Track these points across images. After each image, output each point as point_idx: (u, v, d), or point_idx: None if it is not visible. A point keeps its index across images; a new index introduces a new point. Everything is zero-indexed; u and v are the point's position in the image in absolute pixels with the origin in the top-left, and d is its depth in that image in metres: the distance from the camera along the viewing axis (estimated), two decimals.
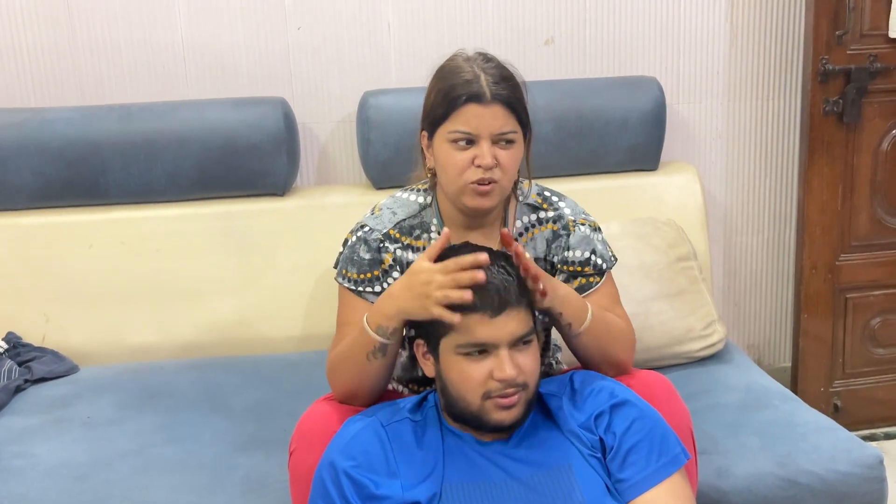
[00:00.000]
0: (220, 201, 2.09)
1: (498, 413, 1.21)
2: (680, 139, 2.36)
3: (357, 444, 1.23)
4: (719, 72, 2.34)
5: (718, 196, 2.43)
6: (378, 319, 1.29)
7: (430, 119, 1.36)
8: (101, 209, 2.06)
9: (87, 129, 2.00)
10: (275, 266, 2.07)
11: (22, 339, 2.01)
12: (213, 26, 2.13)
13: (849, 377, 2.40)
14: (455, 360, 1.22)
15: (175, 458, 1.61)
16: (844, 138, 2.24)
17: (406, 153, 1.98)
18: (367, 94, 2.10)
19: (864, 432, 2.40)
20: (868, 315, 2.37)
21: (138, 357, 2.04)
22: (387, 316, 1.28)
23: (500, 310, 1.19)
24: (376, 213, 1.46)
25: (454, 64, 1.37)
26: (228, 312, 2.06)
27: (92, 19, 2.10)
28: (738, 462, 1.58)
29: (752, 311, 2.55)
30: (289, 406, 1.71)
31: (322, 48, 2.18)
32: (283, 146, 2.05)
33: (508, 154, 1.33)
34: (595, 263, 1.46)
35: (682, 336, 1.95)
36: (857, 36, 2.18)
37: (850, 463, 1.57)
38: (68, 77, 2.13)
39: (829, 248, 2.30)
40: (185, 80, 2.16)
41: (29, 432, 1.71)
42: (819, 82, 2.19)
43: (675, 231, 2.06)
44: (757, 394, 1.80)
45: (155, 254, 2.04)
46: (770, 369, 2.30)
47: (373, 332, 1.29)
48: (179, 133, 2.01)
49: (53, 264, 2.03)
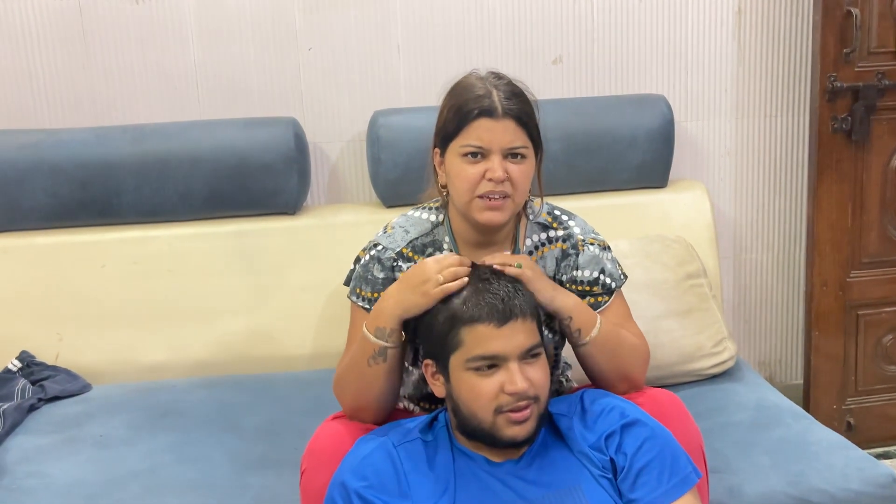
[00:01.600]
0: (232, 220, 2.10)
1: (511, 428, 1.21)
2: (688, 157, 2.37)
3: (369, 464, 1.23)
4: (727, 89, 2.35)
5: (728, 213, 2.43)
6: (376, 321, 1.31)
7: (443, 135, 1.38)
8: (114, 229, 2.08)
9: (100, 149, 2.02)
10: (285, 284, 2.08)
11: (35, 357, 2.02)
12: (225, 48, 2.16)
13: (861, 394, 2.39)
14: (465, 377, 1.22)
15: (186, 477, 1.61)
16: (853, 156, 2.24)
17: (416, 172, 1.99)
18: (377, 113, 2.12)
19: (877, 450, 2.38)
20: (880, 332, 2.36)
21: (150, 376, 2.05)
22: (384, 315, 1.30)
23: (506, 319, 1.20)
24: (389, 231, 1.47)
25: (467, 82, 1.38)
26: (240, 331, 2.07)
27: (106, 42, 2.13)
28: (750, 481, 1.57)
29: (763, 329, 2.54)
30: (300, 425, 1.72)
31: (332, 69, 2.20)
32: (293, 165, 2.07)
33: (519, 169, 1.35)
34: (604, 283, 1.47)
35: (692, 354, 1.95)
36: (865, 53, 2.18)
37: (862, 482, 1.56)
38: (82, 99, 2.15)
39: (840, 265, 2.30)
40: (198, 100, 2.18)
41: (42, 452, 1.71)
42: (827, 100, 2.19)
43: (684, 248, 2.06)
44: (768, 412, 1.80)
45: (167, 273, 2.06)
46: (782, 387, 2.28)
47: (371, 336, 1.31)
48: (191, 153, 2.03)
49: (67, 284, 2.04)
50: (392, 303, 1.30)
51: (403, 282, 1.31)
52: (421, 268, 1.30)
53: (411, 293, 1.28)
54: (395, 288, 1.32)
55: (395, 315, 1.30)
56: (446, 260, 1.29)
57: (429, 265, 1.29)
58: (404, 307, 1.29)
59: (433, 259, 1.31)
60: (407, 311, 1.29)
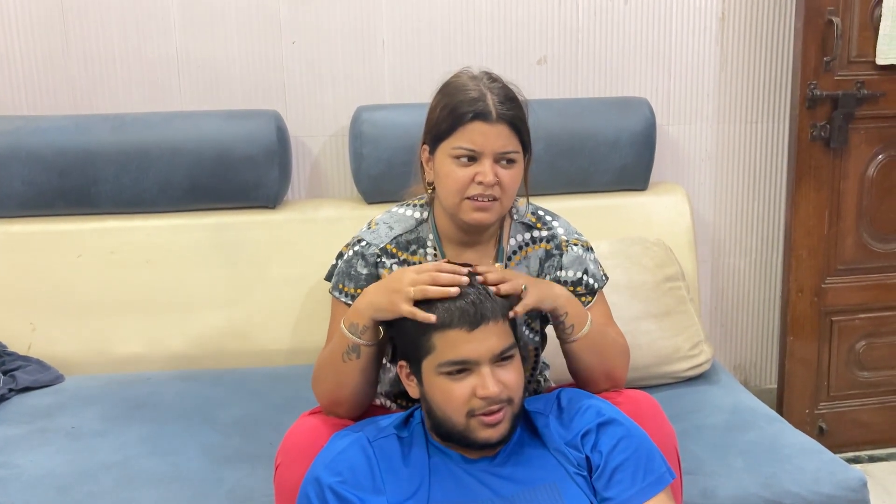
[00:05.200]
0: (212, 213, 2.09)
1: (484, 431, 1.21)
2: (669, 160, 2.38)
3: (343, 460, 1.23)
4: (709, 94, 2.37)
5: (707, 217, 2.45)
6: (350, 317, 1.31)
7: (434, 134, 1.37)
8: (91, 218, 2.05)
9: (79, 138, 2.00)
10: (265, 278, 2.07)
11: (7, 347, 1.99)
12: (208, 38, 2.14)
13: (834, 399, 2.42)
14: (437, 381, 1.22)
15: (160, 470, 1.60)
16: (831, 163, 2.27)
17: (398, 168, 1.99)
18: (361, 108, 2.11)
19: (848, 454, 2.41)
20: (853, 338, 2.39)
21: (125, 368, 2.03)
22: (357, 312, 1.30)
23: (477, 323, 1.20)
24: (373, 227, 1.46)
25: (460, 81, 1.38)
26: (217, 324, 2.05)
27: (86, 29, 2.10)
28: (724, 483, 1.58)
29: (739, 333, 2.56)
30: (276, 420, 1.71)
31: (316, 62, 2.19)
32: (275, 159, 2.05)
33: (509, 174, 1.35)
34: (587, 283, 1.47)
35: (669, 356, 1.96)
36: (845, 62, 2.21)
37: (833, 485, 1.58)
38: (62, 86, 2.13)
39: (816, 271, 2.32)
40: (179, 91, 2.16)
41: (12, 443, 1.69)
42: (807, 107, 2.21)
43: (663, 251, 2.08)
44: (743, 415, 1.81)
45: (144, 264, 2.04)
46: (756, 390, 2.31)
47: (346, 331, 1.31)
48: (172, 144, 2.02)
49: (42, 273, 2.02)
50: (366, 302, 1.30)
51: (381, 284, 1.31)
52: (398, 275, 1.28)
53: (382, 298, 1.27)
54: (373, 288, 1.31)
55: (367, 315, 1.29)
56: (422, 276, 1.24)
57: (406, 276, 1.26)
58: (375, 309, 1.28)
59: (414, 269, 1.27)
60: (377, 313, 1.28)
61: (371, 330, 1.30)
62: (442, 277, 1.24)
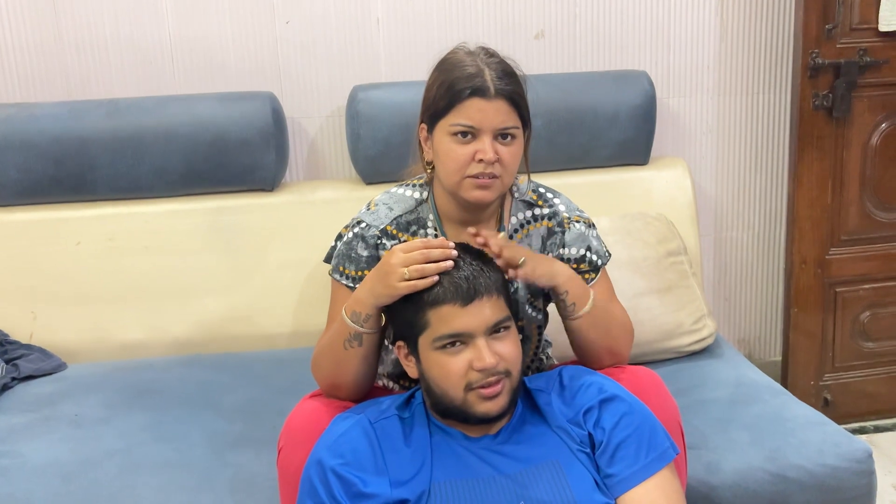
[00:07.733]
0: (209, 197, 2.07)
1: (483, 404, 1.21)
2: (670, 134, 2.36)
3: (345, 442, 1.22)
4: (709, 66, 2.34)
5: (708, 191, 2.43)
6: (352, 306, 1.30)
7: (432, 112, 1.35)
8: (88, 205, 2.04)
9: (74, 124, 1.98)
10: (264, 262, 2.06)
11: (9, 336, 1.99)
12: (201, 21, 2.12)
13: (838, 371, 2.41)
14: (434, 356, 1.22)
15: (163, 456, 1.60)
16: (834, 133, 2.24)
17: (396, 148, 1.97)
18: (357, 88, 2.09)
19: (853, 425, 2.41)
20: (857, 309, 2.38)
21: (127, 355, 2.03)
22: (358, 301, 1.29)
23: (471, 298, 1.20)
24: (372, 208, 1.45)
25: (457, 57, 1.35)
26: (217, 309, 2.05)
27: (78, 14, 2.08)
28: (728, 457, 1.58)
29: (743, 306, 2.55)
30: (278, 404, 1.70)
31: (311, 42, 2.17)
32: (271, 141, 2.04)
33: (509, 150, 1.33)
34: (590, 260, 1.46)
35: (672, 331, 1.95)
36: (847, 30, 2.18)
37: (838, 457, 1.58)
38: (55, 72, 2.11)
39: (819, 242, 2.31)
40: (173, 75, 2.14)
41: (15, 431, 1.69)
42: (809, 77, 2.18)
43: (665, 226, 2.06)
44: (747, 388, 1.81)
45: (143, 250, 2.03)
46: (760, 363, 2.30)
47: (348, 319, 1.30)
48: (167, 128, 2.00)
49: (41, 261, 2.01)
50: (366, 290, 1.29)
51: (375, 270, 1.29)
52: (387, 258, 1.26)
53: (379, 283, 1.26)
54: (370, 276, 1.30)
55: (369, 303, 1.28)
56: (413, 255, 1.23)
57: (394, 256, 1.24)
58: (375, 295, 1.27)
59: (401, 247, 1.25)
60: (378, 299, 1.27)
61: (374, 318, 1.29)
62: (434, 253, 1.22)
